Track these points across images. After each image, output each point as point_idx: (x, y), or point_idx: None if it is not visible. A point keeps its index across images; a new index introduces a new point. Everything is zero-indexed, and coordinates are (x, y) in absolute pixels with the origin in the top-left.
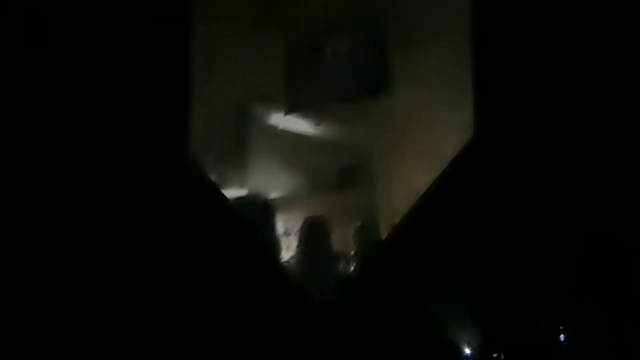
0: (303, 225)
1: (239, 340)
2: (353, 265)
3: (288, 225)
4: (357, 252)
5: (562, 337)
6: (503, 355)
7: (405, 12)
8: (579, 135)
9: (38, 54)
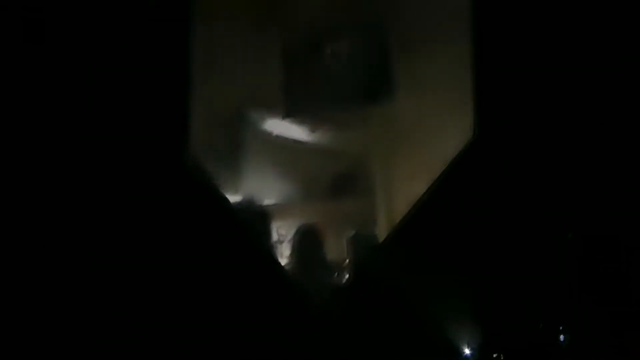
0: (296, 233)
1: (239, 340)
2: (347, 273)
3: (282, 233)
4: (351, 260)
5: (562, 337)
6: (503, 356)
7: (406, 14)
8: (579, 136)
9: (38, 54)
